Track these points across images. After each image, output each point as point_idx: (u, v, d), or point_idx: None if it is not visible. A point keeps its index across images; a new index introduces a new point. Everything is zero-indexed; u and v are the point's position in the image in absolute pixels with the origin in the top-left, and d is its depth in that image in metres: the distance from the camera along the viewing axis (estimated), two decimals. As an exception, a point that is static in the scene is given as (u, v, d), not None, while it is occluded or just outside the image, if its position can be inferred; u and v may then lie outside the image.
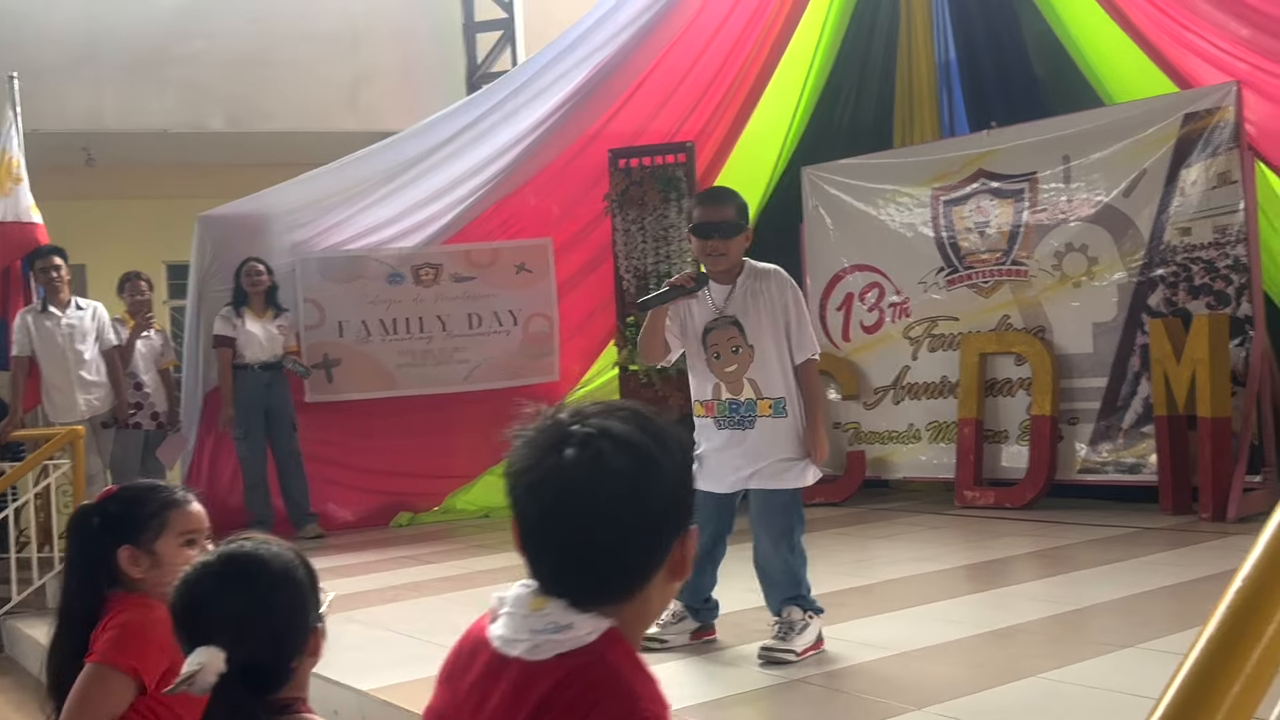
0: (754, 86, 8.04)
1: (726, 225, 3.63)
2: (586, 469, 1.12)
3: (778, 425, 3.62)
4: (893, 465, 7.22)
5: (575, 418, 1.16)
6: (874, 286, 7.31)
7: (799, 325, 3.64)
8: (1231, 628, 1.03)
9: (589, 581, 1.14)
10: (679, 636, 3.79)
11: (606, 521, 1.12)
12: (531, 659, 1.13)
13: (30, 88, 7.61)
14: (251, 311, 7.02)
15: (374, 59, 9.37)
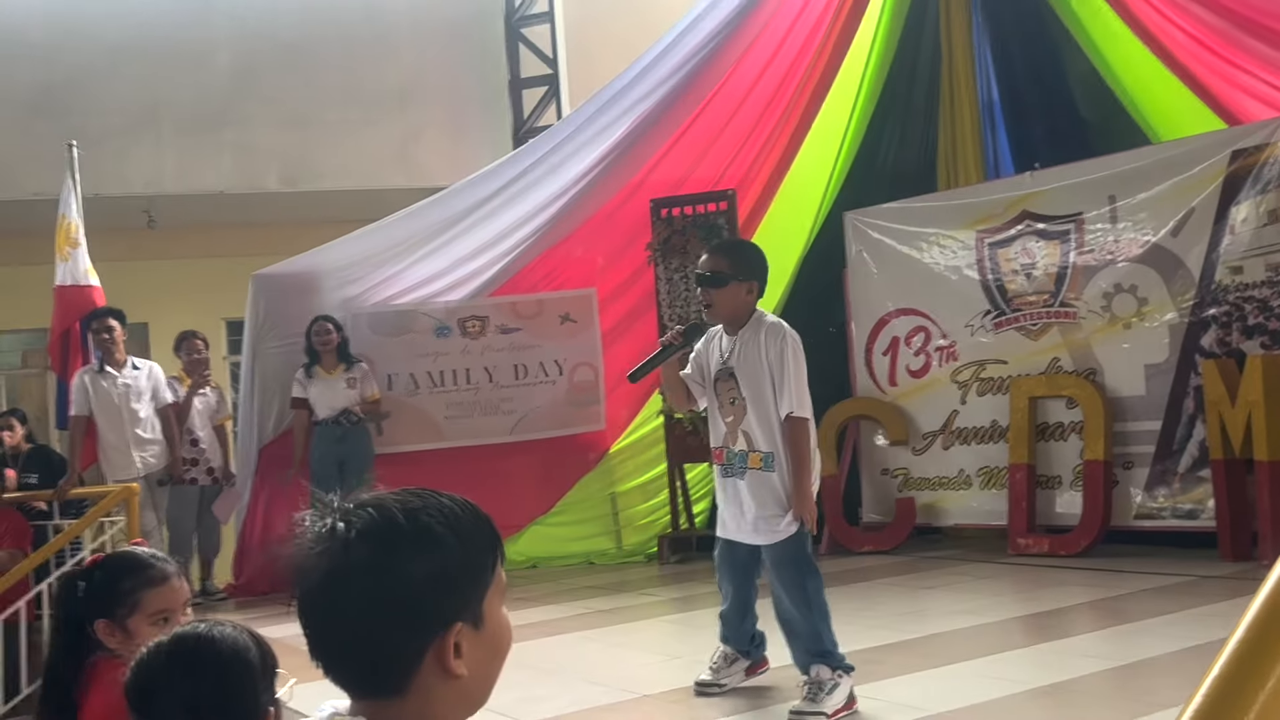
0: (795, 133, 8.05)
1: (713, 276, 3.69)
2: (332, 553, 1.12)
3: (764, 479, 3.64)
4: (943, 512, 7.09)
5: (323, 520, 1.15)
6: (920, 330, 7.23)
7: (782, 380, 3.61)
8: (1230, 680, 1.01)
9: (351, 667, 1.14)
10: (734, 678, 3.85)
11: (349, 603, 1.12)
12: None
13: (92, 153, 7.90)
14: (322, 368, 7.15)
15: (422, 117, 9.57)
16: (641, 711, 3.79)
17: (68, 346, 7.20)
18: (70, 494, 6.65)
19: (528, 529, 7.62)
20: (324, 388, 7.09)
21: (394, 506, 1.16)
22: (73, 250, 7.18)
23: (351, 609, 1.11)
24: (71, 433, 6.81)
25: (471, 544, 1.19)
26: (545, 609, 5.95)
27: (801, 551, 3.64)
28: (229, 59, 9.22)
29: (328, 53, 9.36)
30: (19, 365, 10.46)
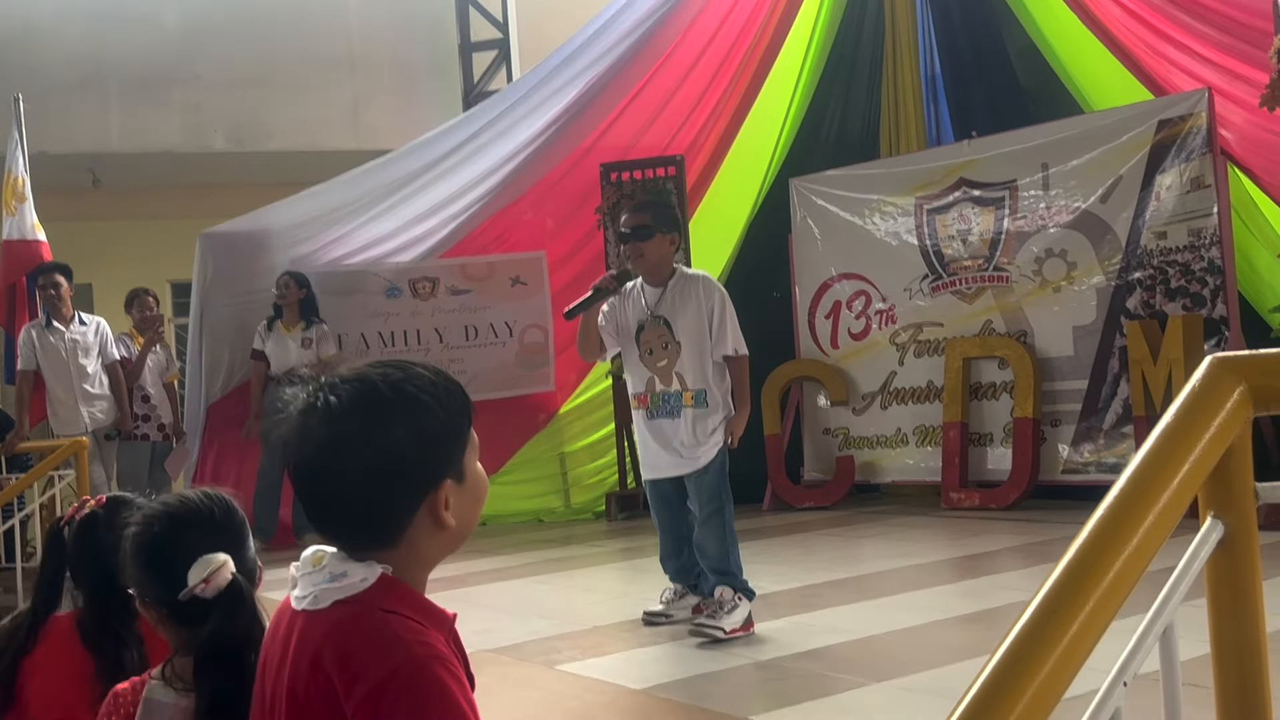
0: (743, 100, 8.21)
1: (640, 230, 3.97)
2: (324, 424, 1.22)
3: (700, 414, 3.94)
4: (881, 469, 7.33)
5: (310, 390, 1.25)
6: (861, 294, 7.44)
7: (720, 325, 3.96)
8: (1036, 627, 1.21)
9: (346, 526, 1.24)
10: (682, 611, 4.06)
11: (336, 477, 1.22)
12: (314, 609, 1.21)
13: (37, 110, 7.82)
14: (283, 324, 7.17)
15: (372, 79, 9.57)
16: (589, 638, 3.96)
17: (14, 301, 7.15)
18: (18, 449, 6.64)
19: (477, 485, 7.72)
20: (279, 344, 7.12)
21: (377, 379, 1.27)
22: (19, 205, 7.13)
23: (350, 475, 1.22)
24: (19, 388, 6.79)
25: (450, 407, 1.31)
26: (497, 559, 6.09)
27: (722, 480, 3.95)
28: (177, 17, 9.14)
29: (277, 13, 9.31)
30: (-41, 325, 10.32)
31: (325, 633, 1.21)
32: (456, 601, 4.77)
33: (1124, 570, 1.35)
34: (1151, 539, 1.39)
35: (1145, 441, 1.43)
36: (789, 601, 4.38)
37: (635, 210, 4.16)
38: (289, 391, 1.29)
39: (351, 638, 1.18)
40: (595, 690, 3.28)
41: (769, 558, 5.50)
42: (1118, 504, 1.42)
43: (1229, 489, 1.51)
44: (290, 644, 1.24)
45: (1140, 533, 1.39)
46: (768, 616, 4.05)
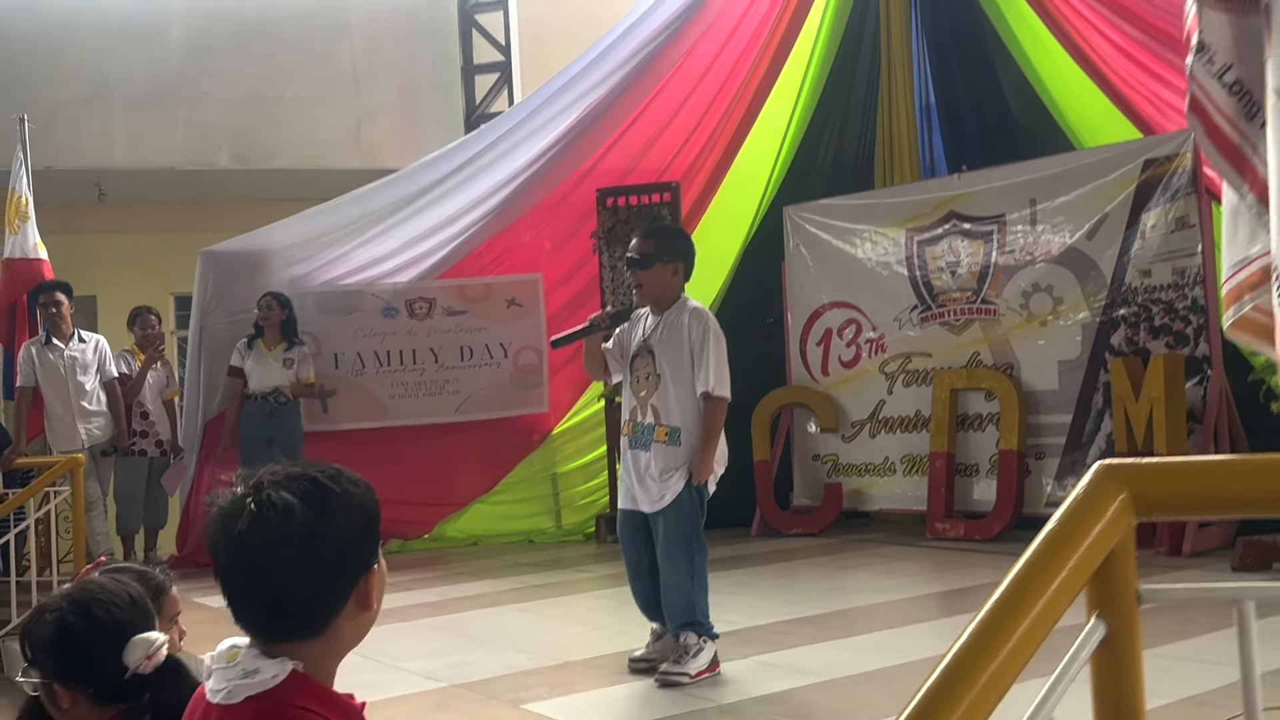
0: (740, 128, 8.28)
1: (641, 258, 3.96)
2: (259, 534, 1.28)
3: (669, 452, 3.88)
4: (869, 497, 7.39)
5: (253, 490, 1.32)
6: (852, 323, 7.51)
7: (702, 360, 3.87)
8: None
9: (279, 620, 1.32)
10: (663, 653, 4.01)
11: (282, 573, 1.29)
12: (228, 704, 1.29)
13: (44, 125, 7.95)
14: (264, 344, 7.26)
15: (376, 99, 9.68)
16: (560, 675, 4.02)
17: (14, 319, 7.27)
18: (15, 464, 6.75)
19: (470, 507, 7.83)
20: (260, 363, 7.20)
21: (320, 477, 1.36)
22: (22, 224, 7.25)
23: (294, 571, 1.29)
24: (18, 404, 6.90)
25: (370, 497, 1.41)
26: (483, 583, 6.17)
27: (693, 524, 3.90)
28: (183, 35, 9.28)
29: (283, 32, 9.44)
30: (-35, 335, 10.46)
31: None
32: (440, 630, 4.89)
33: (999, 671, 1.42)
34: (1030, 638, 1.46)
35: (1031, 543, 1.50)
36: (761, 638, 4.44)
37: (642, 237, 4.09)
38: (222, 500, 1.35)
39: None
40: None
41: (749, 589, 5.56)
42: (998, 605, 1.48)
43: (1111, 591, 1.57)
44: None
45: (1018, 634, 1.45)
46: (737, 655, 4.11)
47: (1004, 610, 1.47)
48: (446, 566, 6.89)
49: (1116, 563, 1.57)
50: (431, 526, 7.77)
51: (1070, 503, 1.56)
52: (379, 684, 4.03)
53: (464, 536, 7.78)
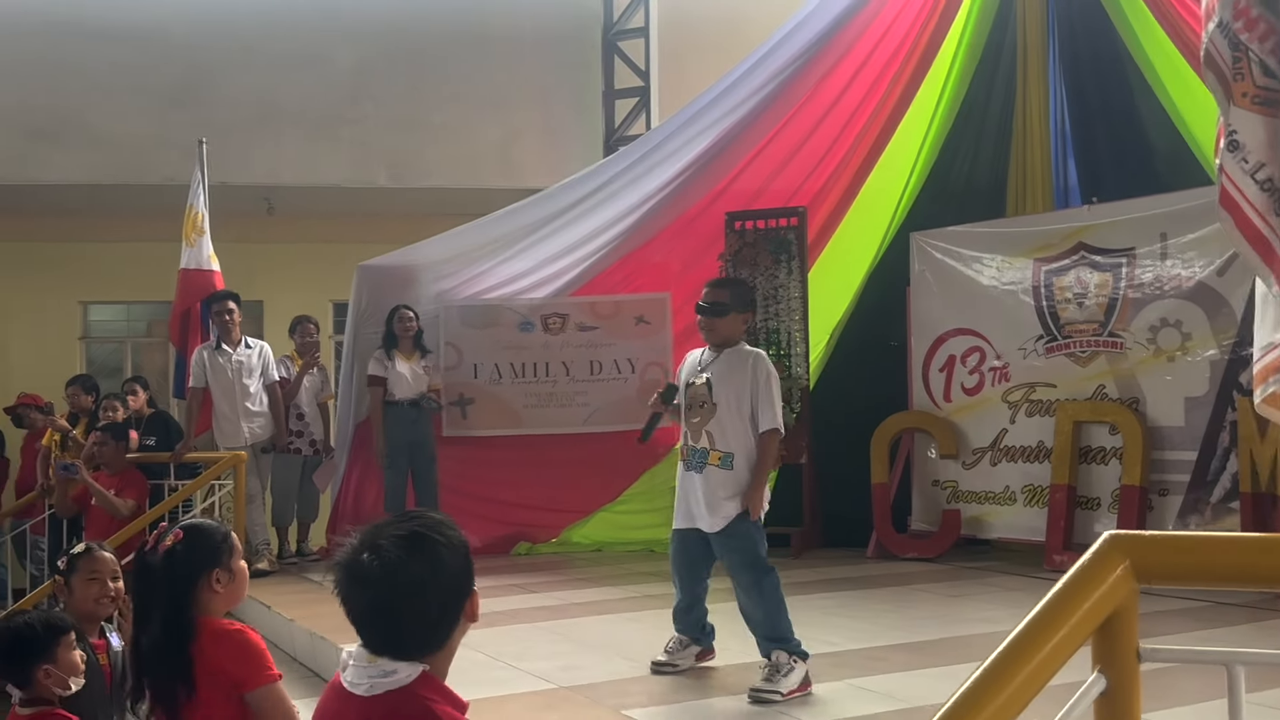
0: (870, 152, 8.40)
1: (714, 306, 4.32)
2: (384, 585, 1.64)
3: (722, 476, 4.19)
4: (987, 525, 7.41)
5: (371, 549, 1.65)
6: (976, 350, 7.54)
7: (763, 400, 4.22)
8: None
9: (407, 647, 1.67)
10: (686, 660, 4.37)
11: (406, 613, 1.65)
12: (368, 696, 1.64)
13: (221, 145, 8.66)
14: (400, 353, 7.76)
15: (521, 121, 10.16)
16: (661, 685, 4.29)
17: (188, 324, 7.96)
18: (185, 458, 7.41)
19: (595, 515, 8.17)
20: (404, 371, 7.70)
21: (423, 530, 1.72)
22: (198, 238, 7.95)
23: (414, 608, 1.66)
24: (189, 403, 7.56)
25: (463, 538, 1.78)
26: (602, 589, 6.49)
27: (755, 547, 4.18)
28: (348, 61, 9.94)
29: (437, 59, 10.01)
30: (144, 333, 11.41)
31: (382, 715, 1.63)
32: (552, 634, 5.23)
33: (997, 715, 1.62)
34: (1029, 686, 1.66)
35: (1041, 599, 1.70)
36: (857, 662, 4.60)
37: (716, 287, 4.47)
38: (349, 545, 1.71)
39: (405, 717, 1.62)
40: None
41: (855, 611, 5.71)
42: (1001, 655, 1.69)
43: (1112, 648, 1.76)
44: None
45: (1017, 681, 1.66)
46: (830, 676, 4.29)
47: (1006, 659, 1.69)
48: (570, 571, 7.24)
49: (1118, 623, 1.76)
50: (558, 532, 8.14)
51: (1077, 567, 1.75)
52: (498, 681, 4.39)
53: (589, 543, 8.12)
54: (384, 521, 1.71)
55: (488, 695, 4.11)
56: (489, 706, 3.93)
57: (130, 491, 6.83)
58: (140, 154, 9.48)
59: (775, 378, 4.30)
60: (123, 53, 9.62)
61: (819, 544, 7.81)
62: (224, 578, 2.53)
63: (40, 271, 10.49)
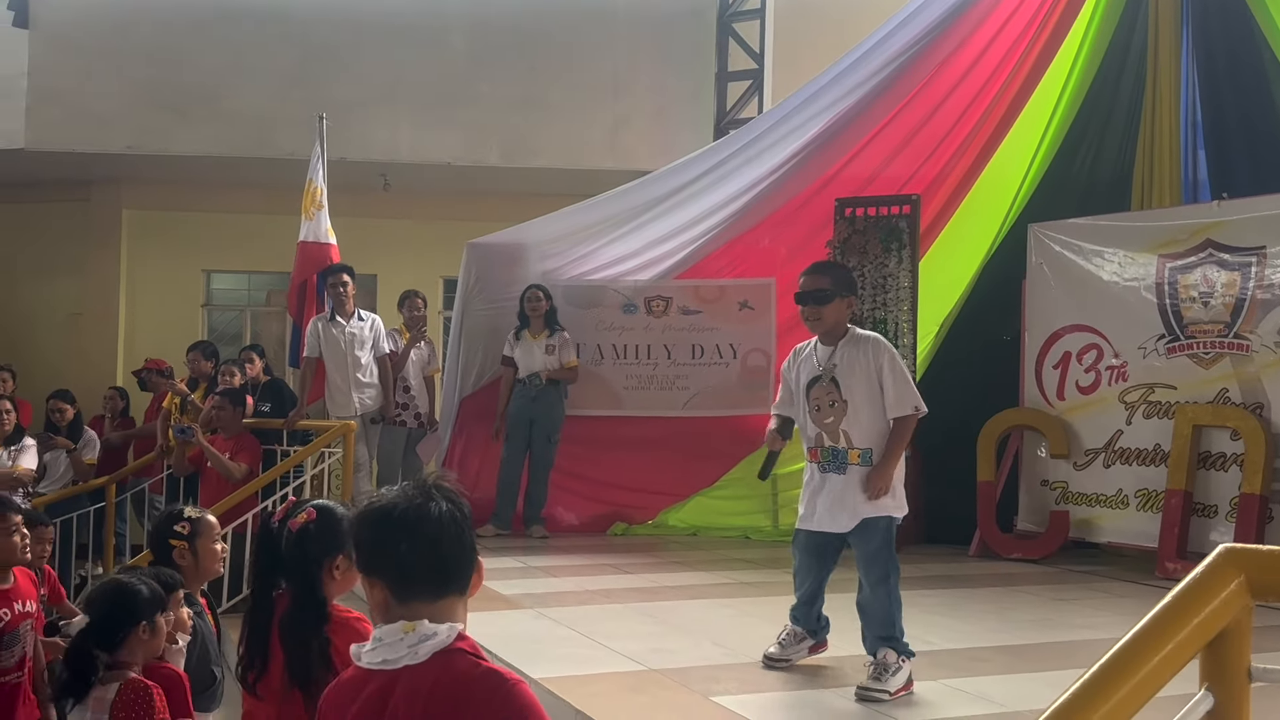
0: (990, 141, 8.17)
1: (818, 293, 4.12)
2: (435, 519, 1.72)
3: (863, 473, 4.07)
4: (1098, 529, 7.17)
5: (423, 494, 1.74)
6: (1092, 348, 7.29)
7: (893, 384, 4.06)
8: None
9: (442, 580, 1.73)
10: (799, 654, 4.32)
11: (446, 546, 1.73)
12: (416, 663, 1.67)
13: (339, 121, 8.87)
14: (530, 333, 7.88)
15: (633, 104, 10.16)
16: (752, 673, 4.26)
17: (305, 295, 8.19)
18: (297, 425, 7.63)
19: (692, 499, 8.16)
20: (526, 350, 7.81)
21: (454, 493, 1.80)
22: (316, 211, 8.16)
23: (454, 543, 1.74)
24: (303, 372, 7.79)
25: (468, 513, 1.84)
26: (695, 574, 6.48)
27: (888, 544, 4.09)
28: (463, 42, 10.07)
29: (551, 40, 10.08)
30: (263, 303, 11.77)
31: (437, 675, 1.67)
32: (644, 616, 5.24)
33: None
34: (1132, 700, 1.59)
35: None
36: (955, 662, 4.50)
37: (814, 273, 4.23)
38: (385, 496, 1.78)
39: (462, 673, 1.67)
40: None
41: (956, 611, 5.59)
42: (1106, 666, 1.63)
43: (1222, 666, 1.68)
44: (392, 699, 1.69)
45: (1120, 695, 1.59)
46: (927, 676, 4.19)
47: (1112, 669, 1.62)
48: (664, 554, 7.25)
49: (1230, 639, 1.67)
50: (655, 514, 8.15)
51: (1189, 579, 1.67)
52: (587, 659, 4.42)
53: (684, 527, 8.12)
54: (429, 479, 1.79)
55: (576, 673, 4.14)
56: (576, 684, 3.96)
57: (244, 456, 7.07)
58: (263, 129, 9.78)
59: (898, 357, 4.15)
60: (248, 31, 9.93)
61: (919, 540, 7.65)
62: (344, 565, 2.56)
63: (167, 240, 10.91)
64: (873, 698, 3.84)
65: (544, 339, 7.84)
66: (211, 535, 3.48)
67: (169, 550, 3.40)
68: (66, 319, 11.02)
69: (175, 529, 3.41)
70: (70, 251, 11.00)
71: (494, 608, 5.30)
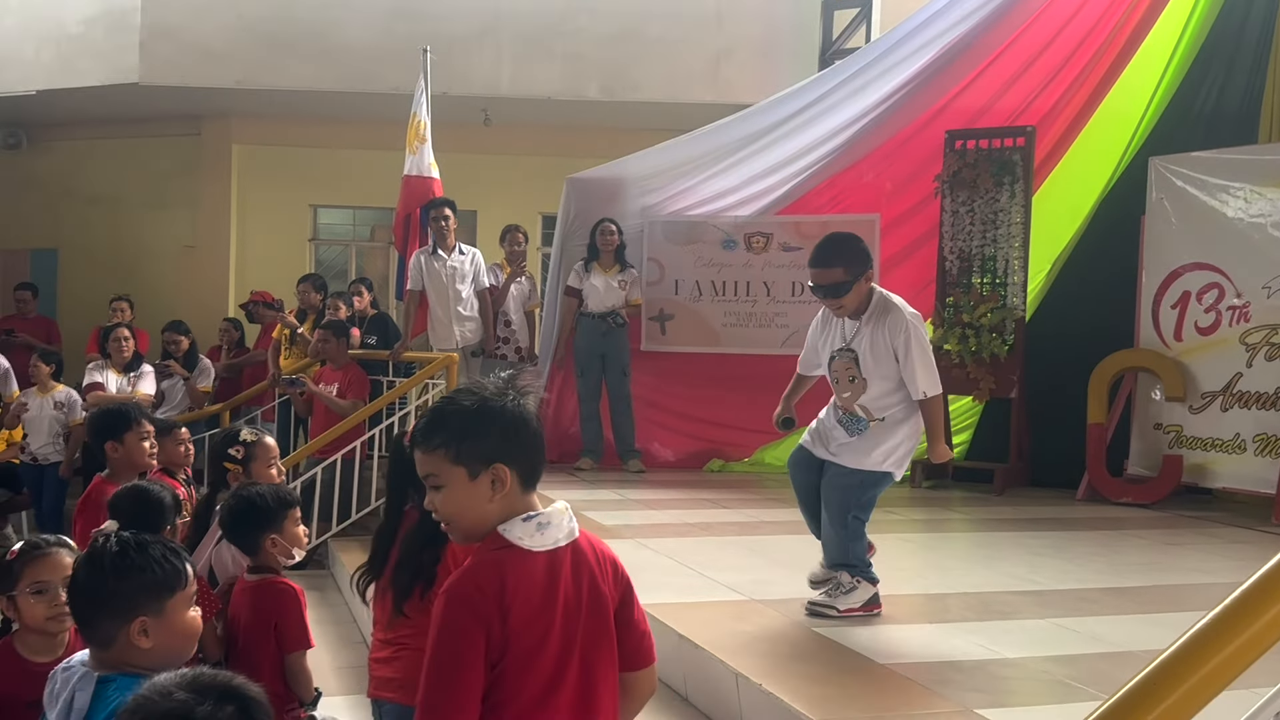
0: (1109, 72, 7.84)
1: (832, 288, 4.01)
2: (521, 408, 1.81)
3: (882, 428, 4.08)
4: (1212, 474, 6.93)
5: (512, 390, 1.83)
6: (1213, 287, 7.00)
7: (910, 365, 3.99)
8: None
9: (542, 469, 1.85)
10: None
11: (534, 429, 1.83)
12: (574, 539, 1.82)
13: (441, 56, 8.89)
14: (600, 266, 7.88)
15: (735, 35, 9.96)
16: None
17: (409, 229, 8.28)
18: (402, 357, 7.77)
19: (789, 438, 8.08)
20: (598, 284, 7.80)
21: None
22: (420, 145, 8.21)
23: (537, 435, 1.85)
24: (406, 305, 7.90)
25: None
26: (793, 509, 6.31)
27: (865, 488, 4.09)
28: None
29: (654, -30, 9.91)
30: (369, 238, 11.97)
31: (599, 547, 1.85)
32: (743, 549, 5.25)
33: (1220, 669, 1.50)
34: (1255, 643, 1.52)
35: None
36: (1063, 602, 4.41)
37: (822, 264, 4.04)
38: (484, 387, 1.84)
39: (594, 539, 1.86)
40: (842, 657, 3.58)
41: (1063, 553, 5.47)
42: (1232, 607, 1.55)
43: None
44: (588, 567, 1.82)
45: (1243, 638, 1.52)
46: (1034, 615, 4.15)
47: (1235, 612, 1.54)
48: (762, 491, 7.23)
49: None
50: (751, 451, 8.13)
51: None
52: (689, 588, 4.45)
53: (782, 465, 8.01)
54: (508, 379, 1.86)
55: (679, 600, 4.17)
56: (679, 611, 3.99)
57: (352, 390, 7.23)
58: (368, 64, 9.84)
59: (919, 335, 4.02)
60: (354, -36, 9.97)
61: (1024, 483, 7.51)
62: None
63: (276, 175, 11.12)
64: (821, 613, 3.99)
65: (615, 274, 7.82)
66: (266, 459, 3.55)
67: (224, 473, 3.49)
68: (180, 251, 11.35)
69: (230, 452, 3.50)
70: (182, 185, 11.30)
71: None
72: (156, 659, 1.84)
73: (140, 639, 1.85)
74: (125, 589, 1.86)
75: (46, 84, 10.25)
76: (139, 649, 1.85)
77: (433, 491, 1.79)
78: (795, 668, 3.45)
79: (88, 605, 1.90)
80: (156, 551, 1.92)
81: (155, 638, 1.86)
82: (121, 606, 1.85)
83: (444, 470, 1.76)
